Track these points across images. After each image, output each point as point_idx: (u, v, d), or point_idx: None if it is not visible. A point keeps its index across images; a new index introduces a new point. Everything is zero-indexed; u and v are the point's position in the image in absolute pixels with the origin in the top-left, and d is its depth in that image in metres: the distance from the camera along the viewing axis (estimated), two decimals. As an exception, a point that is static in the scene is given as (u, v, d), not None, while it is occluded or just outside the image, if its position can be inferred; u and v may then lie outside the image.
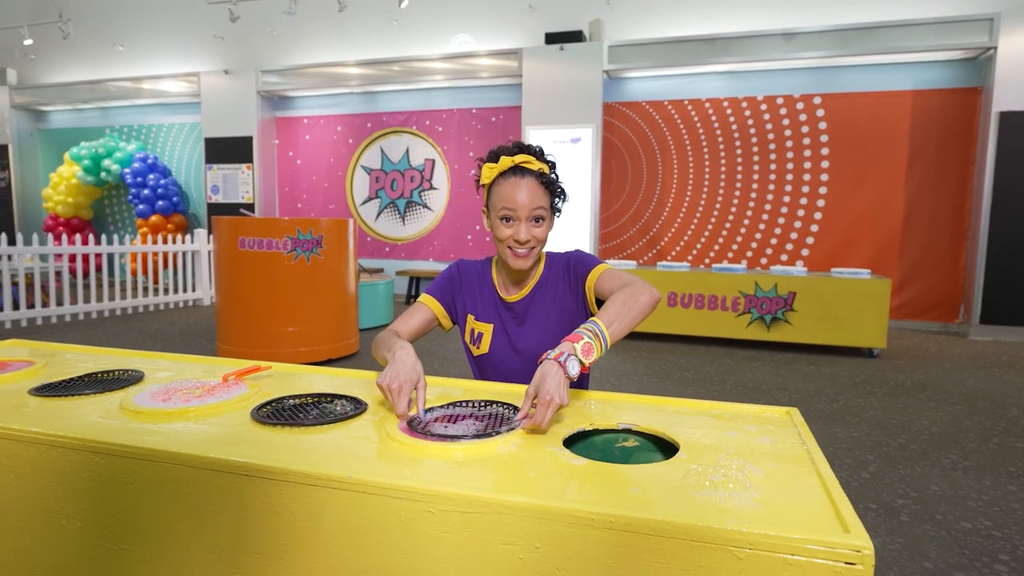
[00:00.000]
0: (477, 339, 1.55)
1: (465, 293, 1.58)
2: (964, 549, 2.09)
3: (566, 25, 7.40)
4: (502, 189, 1.43)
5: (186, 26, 9.22)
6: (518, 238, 1.42)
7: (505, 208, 1.42)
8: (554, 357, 1.12)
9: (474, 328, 1.55)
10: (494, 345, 1.53)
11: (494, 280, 1.57)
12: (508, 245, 1.45)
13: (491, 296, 1.56)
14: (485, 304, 1.56)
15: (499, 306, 1.55)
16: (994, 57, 5.96)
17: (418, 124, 8.35)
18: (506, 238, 1.43)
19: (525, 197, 1.41)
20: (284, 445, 1.00)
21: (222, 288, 4.74)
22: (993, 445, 3.11)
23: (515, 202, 1.41)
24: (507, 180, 1.44)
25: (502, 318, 1.54)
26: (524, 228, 1.42)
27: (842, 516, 0.75)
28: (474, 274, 1.59)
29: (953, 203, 6.43)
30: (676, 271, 5.67)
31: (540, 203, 1.43)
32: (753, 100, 6.93)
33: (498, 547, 0.79)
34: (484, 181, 1.48)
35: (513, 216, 1.42)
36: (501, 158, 1.45)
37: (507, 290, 1.55)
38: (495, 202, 1.45)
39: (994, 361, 5.07)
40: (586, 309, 1.51)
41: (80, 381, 1.36)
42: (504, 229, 1.43)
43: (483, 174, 1.48)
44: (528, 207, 1.41)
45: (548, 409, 1.04)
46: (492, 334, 1.53)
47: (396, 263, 8.56)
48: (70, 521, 1.01)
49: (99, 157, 9.12)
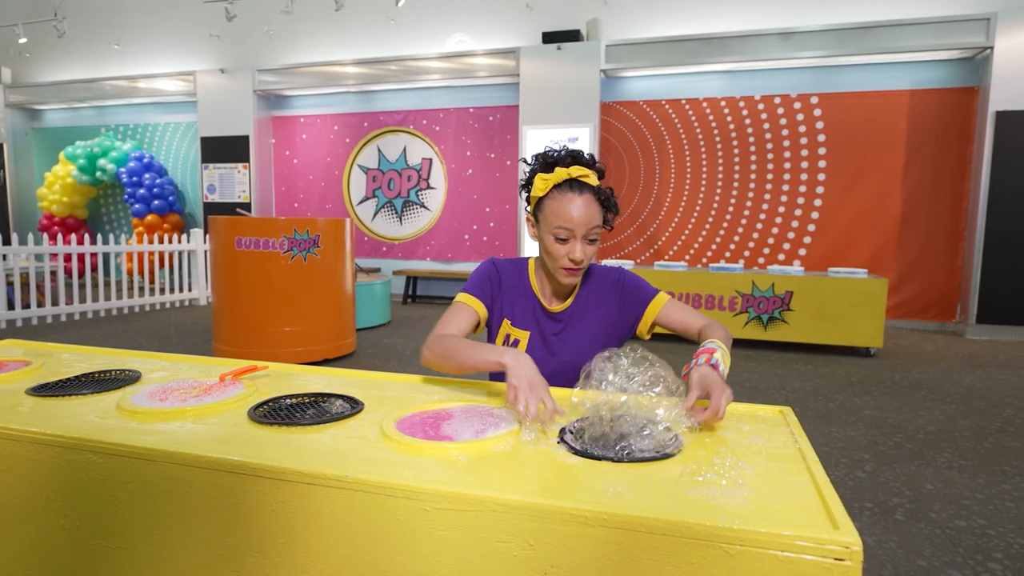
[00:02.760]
0: (513, 345, 1.50)
1: (504, 296, 1.52)
2: (958, 547, 2.11)
3: (563, 24, 7.41)
4: (558, 205, 1.36)
5: (182, 25, 9.20)
6: (573, 257, 1.37)
7: (561, 227, 1.36)
8: (704, 361, 1.19)
9: (510, 334, 1.50)
10: (530, 352, 1.44)
11: (533, 286, 1.52)
12: (562, 265, 1.40)
13: (530, 303, 1.51)
14: (523, 310, 1.51)
15: (539, 314, 1.51)
16: (991, 57, 5.98)
17: (415, 123, 8.35)
18: (560, 256, 1.38)
19: (584, 216, 1.35)
20: (281, 444, 1.00)
21: (219, 288, 4.74)
22: (988, 444, 3.12)
23: (572, 221, 1.35)
24: (563, 195, 1.36)
25: (541, 326, 1.50)
26: (579, 248, 1.37)
27: (832, 513, 0.76)
28: (512, 276, 1.53)
29: (950, 203, 6.45)
30: (673, 270, 5.68)
31: (596, 222, 1.38)
32: (751, 100, 6.94)
33: (493, 544, 0.80)
34: (537, 193, 1.40)
35: (570, 236, 1.36)
36: (556, 169, 1.37)
37: (549, 299, 1.52)
38: (549, 217, 1.38)
39: (990, 360, 5.09)
40: (633, 331, 1.53)
41: (77, 381, 1.37)
42: (559, 247, 1.38)
43: (536, 185, 1.40)
44: (586, 226, 1.36)
45: (723, 397, 1.09)
46: (528, 341, 1.49)
47: (393, 263, 8.56)
48: (68, 520, 1.02)
49: (94, 156, 9.10)
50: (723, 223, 7.18)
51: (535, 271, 1.53)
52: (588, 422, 1.10)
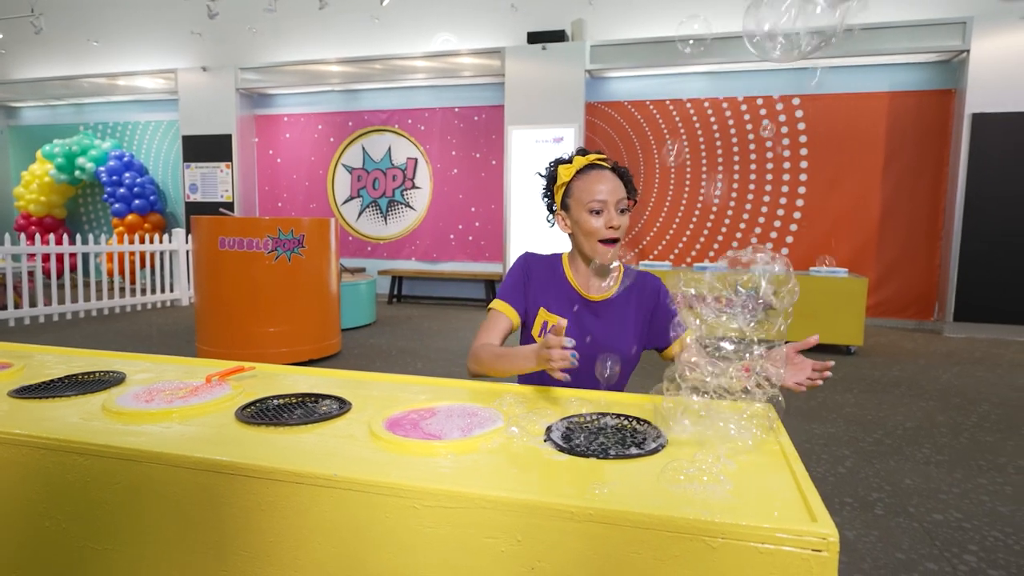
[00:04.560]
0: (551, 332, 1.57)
1: (536, 285, 1.58)
2: (935, 540, 2.16)
3: (548, 25, 7.43)
4: (586, 183, 1.48)
5: (163, 22, 9.08)
6: (611, 224, 1.46)
7: (595, 200, 1.46)
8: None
9: (547, 321, 1.56)
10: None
11: (568, 276, 1.58)
12: (599, 238, 1.48)
13: (566, 291, 1.57)
14: (559, 298, 1.57)
15: (577, 302, 1.57)
16: (967, 60, 6.10)
17: (400, 123, 8.32)
18: (596, 230, 1.47)
19: (612, 186, 1.47)
20: (269, 444, 1.01)
21: (202, 288, 4.69)
22: (964, 439, 3.19)
23: (603, 192, 1.46)
24: (588, 175, 1.49)
25: (579, 314, 1.56)
26: (615, 215, 1.47)
27: (810, 506, 0.78)
28: (544, 266, 1.60)
29: (928, 203, 6.57)
30: (658, 270, 5.70)
31: (623, 193, 1.50)
32: (734, 101, 7.02)
33: (481, 540, 0.81)
34: (563, 180, 1.51)
35: (603, 207, 1.47)
36: (575, 158, 1.52)
37: (587, 287, 1.58)
38: (580, 196, 1.48)
39: (967, 357, 5.20)
40: (649, 346, 1.60)
41: (60, 383, 1.36)
42: (593, 221, 1.47)
43: (560, 174, 1.52)
44: (615, 195, 1.47)
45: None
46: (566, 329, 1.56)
47: (378, 262, 8.53)
48: (53, 523, 1.01)
49: (73, 155, 8.96)
50: (707, 223, 7.25)
51: (569, 263, 1.60)
52: (574, 421, 1.12)
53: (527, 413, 1.17)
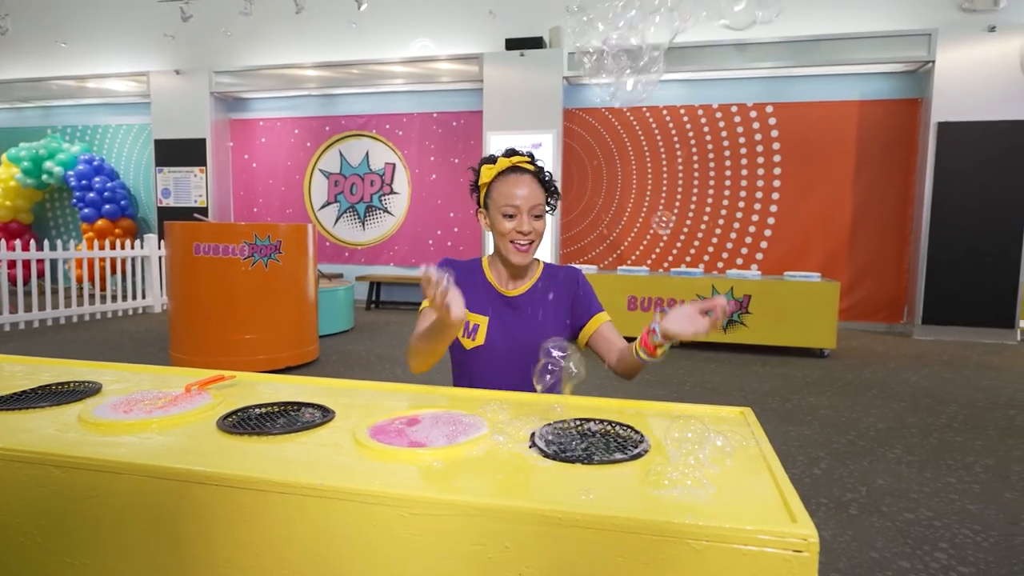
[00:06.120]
0: (472, 331, 1.59)
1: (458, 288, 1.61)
2: (908, 539, 2.21)
3: (526, 31, 7.47)
4: (503, 186, 1.52)
5: (134, 24, 8.93)
6: (521, 229, 1.50)
7: (508, 204, 1.50)
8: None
9: (469, 320, 1.58)
10: (490, 337, 1.57)
11: (488, 276, 1.62)
12: (511, 239, 1.52)
13: (485, 290, 1.61)
14: (478, 297, 1.60)
15: (496, 300, 1.60)
16: (932, 70, 6.28)
17: (378, 128, 8.29)
18: (508, 232, 1.51)
19: (526, 192, 1.51)
20: (253, 454, 1.00)
21: (176, 295, 4.62)
22: (934, 440, 3.28)
23: (517, 197, 1.50)
24: (507, 178, 1.52)
25: (499, 311, 1.59)
26: (527, 220, 1.51)
27: (790, 508, 0.80)
28: (463, 270, 1.63)
29: (896, 209, 6.75)
30: (636, 275, 5.78)
31: (539, 199, 1.53)
32: (709, 108, 7.13)
33: (469, 547, 0.81)
34: (484, 180, 1.55)
35: (515, 212, 1.50)
36: (499, 159, 1.54)
37: (506, 285, 1.62)
38: (496, 199, 1.52)
39: (935, 360, 5.34)
40: (574, 334, 1.62)
41: (33, 394, 1.32)
42: (506, 223, 1.51)
43: (482, 174, 1.56)
44: (529, 201, 1.51)
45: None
46: (487, 326, 1.58)
47: (356, 268, 8.47)
48: (29, 537, 0.99)
49: (40, 159, 8.75)
50: (683, 228, 7.34)
51: (489, 264, 1.65)
52: (558, 427, 1.13)
53: (511, 420, 1.18)
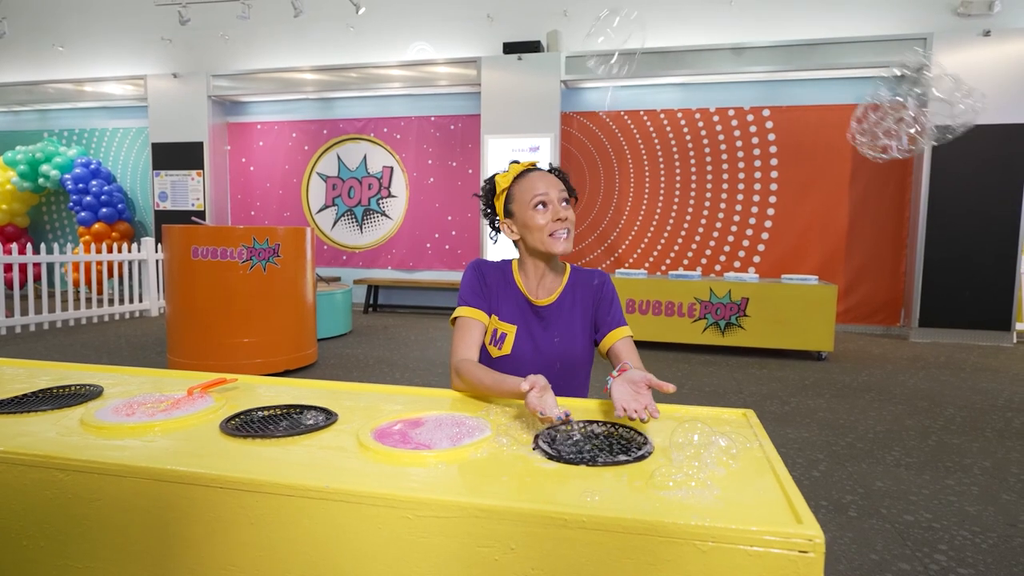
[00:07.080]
0: (500, 340, 1.56)
1: (492, 293, 1.59)
2: (907, 541, 2.21)
3: (524, 35, 7.49)
4: (526, 184, 1.52)
5: (132, 27, 8.92)
6: (558, 216, 1.49)
7: (537, 195, 1.49)
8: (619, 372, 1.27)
9: (497, 328, 1.56)
10: (516, 347, 1.55)
11: (518, 282, 1.59)
12: (549, 232, 1.50)
13: (516, 297, 1.58)
14: (510, 305, 1.58)
15: (525, 308, 1.58)
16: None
17: (376, 131, 8.29)
18: (545, 224, 1.49)
19: (552, 181, 1.51)
20: (256, 457, 1.00)
21: (174, 299, 4.60)
22: (932, 442, 3.29)
23: (544, 186, 1.50)
24: (526, 177, 1.53)
25: (527, 321, 1.57)
26: (560, 208, 1.50)
27: (795, 509, 0.80)
28: (497, 274, 1.61)
29: (893, 212, 6.77)
30: (634, 278, 5.78)
31: (563, 188, 1.53)
32: (706, 112, 7.15)
33: (475, 549, 0.81)
34: (503, 186, 1.55)
35: (547, 200, 1.49)
36: (511, 165, 1.57)
37: (535, 293, 1.59)
38: (522, 197, 1.51)
39: (932, 362, 5.35)
40: (593, 337, 1.60)
41: (35, 397, 1.32)
42: (540, 216, 1.49)
43: (499, 182, 1.56)
44: (557, 189, 1.51)
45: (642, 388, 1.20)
46: (515, 335, 1.55)
47: (354, 271, 8.46)
48: (32, 541, 0.99)
49: (37, 162, 8.73)
50: (681, 231, 7.36)
51: (518, 269, 1.61)
52: (561, 430, 1.13)
53: (514, 422, 1.18)
